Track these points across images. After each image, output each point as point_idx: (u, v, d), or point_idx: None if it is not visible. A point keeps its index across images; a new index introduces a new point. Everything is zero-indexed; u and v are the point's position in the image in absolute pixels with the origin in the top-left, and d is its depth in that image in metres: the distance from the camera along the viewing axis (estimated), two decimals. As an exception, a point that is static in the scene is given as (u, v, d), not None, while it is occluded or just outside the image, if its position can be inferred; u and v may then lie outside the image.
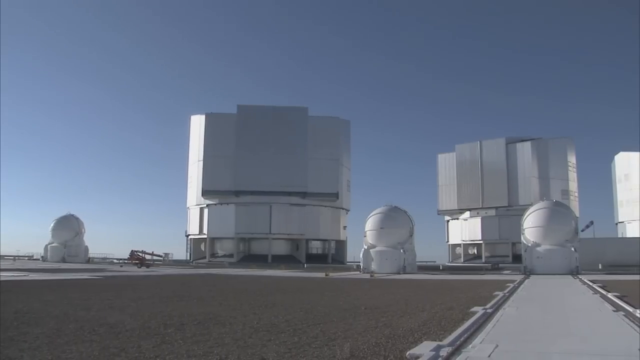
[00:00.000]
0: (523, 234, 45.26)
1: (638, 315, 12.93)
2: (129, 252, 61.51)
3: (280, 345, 9.14)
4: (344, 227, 76.06)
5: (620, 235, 74.86)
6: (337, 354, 8.40)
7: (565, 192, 67.81)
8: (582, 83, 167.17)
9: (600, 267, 47.16)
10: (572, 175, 70.88)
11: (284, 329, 11.28)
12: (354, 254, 68.22)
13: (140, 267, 54.06)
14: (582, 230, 64.06)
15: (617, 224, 79.19)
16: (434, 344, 8.73)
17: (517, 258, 56.60)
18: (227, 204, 69.87)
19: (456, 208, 72.24)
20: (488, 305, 15.29)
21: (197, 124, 74.09)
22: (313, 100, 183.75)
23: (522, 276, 37.28)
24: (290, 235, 70.08)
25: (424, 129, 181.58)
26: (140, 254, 60.61)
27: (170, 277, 36.55)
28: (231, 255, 68.76)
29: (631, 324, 11.71)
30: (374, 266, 46.80)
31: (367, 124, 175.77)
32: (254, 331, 10.83)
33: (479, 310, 13.89)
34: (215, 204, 70.85)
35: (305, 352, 8.53)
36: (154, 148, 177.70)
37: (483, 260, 67.18)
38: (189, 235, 75.55)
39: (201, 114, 74.04)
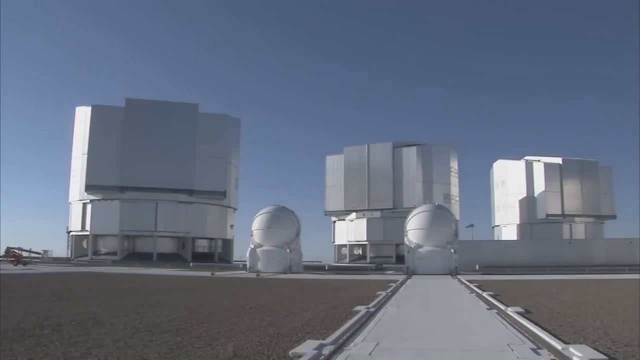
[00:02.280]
0: (406, 235, 46.56)
1: (509, 312, 13.68)
2: (5, 248, 58.47)
3: (162, 346, 8.99)
4: (231, 226, 75.54)
5: (496, 238, 78.71)
6: (220, 353, 8.35)
7: (447, 196, 70.33)
8: (466, 93, 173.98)
9: (477, 267, 49.28)
10: (454, 180, 73.71)
11: (167, 328, 11.08)
12: (241, 253, 67.90)
13: (16, 265, 51.33)
14: (467, 227, 67.04)
15: (493, 227, 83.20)
16: (316, 342, 8.85)
17: (400, 259, 58.15)
18: (112, 199, 67.63)
19: (343, 209, 73.30)
20: (371, 305, 15.63)
21: (83, 115, 70.98)
22: (207, 96, 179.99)
23: (405, 276, 38.36)
24: (177, 233, 68.80)
25: (313, 130, 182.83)
26: (16, 251, 57.58)
27: (49, 276, 34.93)
28: (115, 253, 66.57)
29: (503, 320, 12.37)
30: (260, 265, 46.75)
31: (259, 124, 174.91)
32: (136, 331, 10.58)
33: (361, 310, 14.18)
34: (99, 200, 68.41)
35: (188, 352, 8.44)
36: (37, 137, 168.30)
37: (368, 260, 68.55)
38: (71, 231, 72.38)
39: (87, 105, 71.18)
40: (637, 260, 51.27)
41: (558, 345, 8.81)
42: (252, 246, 48.57)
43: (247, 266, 48.21)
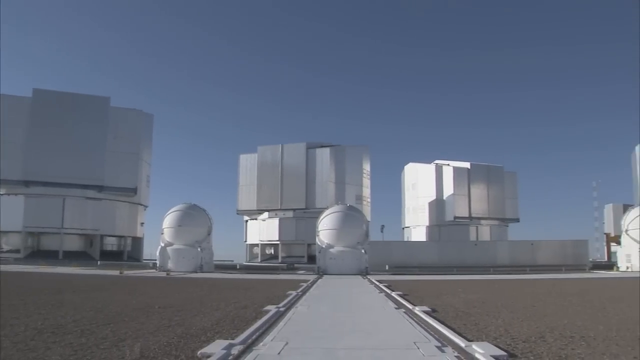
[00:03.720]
0: (318, 235, 46.84)
1: (416, 311, 14.02)
2: None
3: (66, 347, 8.71)
4: (142, 224, 73.76)
5: (406, 239, 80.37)
6: (126, 354, 8.18)
7: (359, 197, 71.16)
8: (380, 99, 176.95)
9: (387, 268, 50.14)
10: (366, 181, 74.62)
11: (71, 329, 10.74)
12: (151, 251, 66.53)
13: None
14: (381, 231, 68.11)
15: (403, 228, 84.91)
16: (225, 342, 8.81)
17: (312, 258, 58.39)
18: (16, 194, 64.66)
19: (255, 208, 72.96)
20: (281, 304, 15.66)
21: (-14, 106, 67.54)
22: (120, 90, 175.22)
23: (316, 276, 38.62)
24: (84, 230, 66.47)
25: (227, 129, 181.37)
26: None
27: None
28: (18, 251, 63.63)
29: (410, 320, 12.65)
30: (170, 264, 46.07)
31: (173, 121, 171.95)
32: (38, 333, 10.20)
33: (272, 309, 14.19)
34: (1, 195, 65.36)
35: (93, 354, 8.22)
36: None
37: (279, 260, 68.48)
38: (-29, 228, 68.82)
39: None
40: (538, 262, 53.65)
41: (462, 343, 9.12)
42: (163, 244, 47.80)
43: (157, 265, 47.39)
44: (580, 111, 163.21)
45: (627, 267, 51.65)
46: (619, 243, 56.58)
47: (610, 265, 58.31)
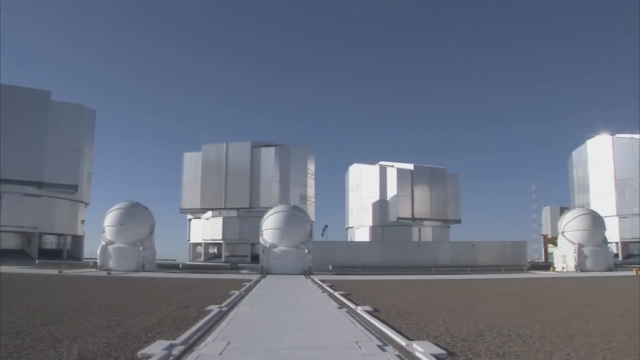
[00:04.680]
0: (262, 235, 46.69)
1: (358, 311, 14.14)
2: None
3: (0, 350, 8.48)
4: (82, 222, 72.13)
5: (349, 239, 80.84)
6: (63, 356, 8.01)
7: (303, 197, 71.21)
8: (325, 99, 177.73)
9: (330, 267, 50.32)
10: (311, 181, 74.72)
11: (6, 331, 10.45)
12: (92, 250, 64.92)
13: None
14: (322, 235, 68.32)
15: (347, 228, 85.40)
16: (166, 342, 8.73)
17: (255, 258, 58.20)
18: (-52, 191, 62.56)
19: (199, 207, 72.23)
20: (224, 304, 15.58)
21: None
22: (62, 85, 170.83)
23: (259, 275, 38.52)
24: (22, 228, 64.51)
25: (172, 126, 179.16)
26: None
27: None
28: (-47, 250, 61.61)
29: (352, 319, 12.75)
30: (111, 263, 45.30)
31: (117, 117, 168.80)
32: (-30, 334, 9.91)
33: (214, 309, 14.12)
34: None
35: (29, 356, 8.02)
36: None
37: (223, 259, 67.96)
38: None
39: None
40: (478, 262, 54.73)
41: (402, 342, 9.25)
42: (104, 243, 46.92)
43: (98, 264, 46.41)
44: (522, 114, 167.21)
45: (563, 268, 53.21)
46: (555, 244, 58.21)
47: (547, 265, 59.95)
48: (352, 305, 15.94)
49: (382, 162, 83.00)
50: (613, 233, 64.06)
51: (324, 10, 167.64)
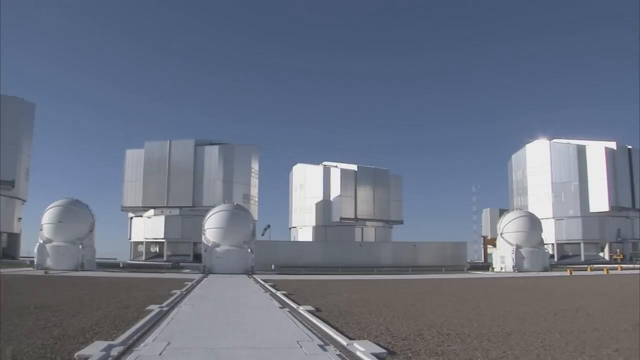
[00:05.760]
0: (204, 234, 46.32)
1: (300, 311, 14.17)
2: None
3: None
4: (19, 219, 70.11)
5: (292, 239, 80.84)
6: (-3, 358, 7.80)
7: (247, 196, 70.89)
8: (269, 99, 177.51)
9: (273, 267, 50.30)
10: (254, 180, 74.45)
11: None
12: (29, 248, 63.26)
13: None
14: (262, 235, 68.13)
15: (290, 228, 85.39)
16: (105, 343, 8.58)
17: (198, 257, 57.60)
18: None
19: (141, 205, 71.16)
20: (164, 304, 15.42)
21: None
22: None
23: (201, 275, 38.19)
24: (-46, 226, 62.54)
25: (113, 122, 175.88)
26: None
27: None
28: None
29: (294, 319, 12.78)
30: (49, 262, 44.21)
31: (57, 112, 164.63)
32: None
33: (155, 309, 13.95)
34: None
35: (-41, 357, 7.77)
36: None
37: (165, 258, 67.14)
38: None
39: None
40: (419, 262, 55.57)
41: (343, 341, 9.32)
42: (41, 241, 45.80)
43: (35, 263, 45.21)
44: (465, 117, 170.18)
45: (502, 268, 54.48)
46: (495, 245, 59.53)
47: (487, 266, 61.36)
48: (294, 305, 15.96)
49: (326, 163, 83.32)
50: (549, 235, 66.05)
51: (265, 7, 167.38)
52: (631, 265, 57.97)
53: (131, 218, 75.68)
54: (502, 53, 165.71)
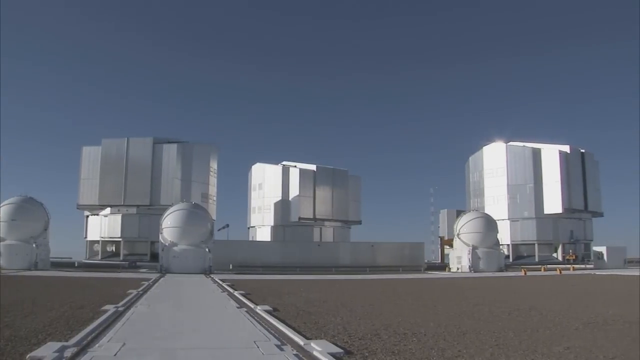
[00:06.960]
0: (161, 233, 45.92)
1: (257, 311, 14.15)
2: None
3: None
4: (-30, 218, 68.57)
5: (251, 239, 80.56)
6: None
7: (205, 196, 70.45)
8: (227, 97, 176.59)
9: (231, 267, 50.03)
10: (213, 180, 74.06)
11: None
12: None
13: None
14: (219, 230, 67.62)
15: (249, 228, 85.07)
16: (58, 344, 8.44)
17: (155, 257, 56.97)
18: None
19: (97, 203, 70.10)
20: (120, 304, 15.25)
21: None
22: None
23: (158, 274, 37.85)
24: None
25: (70, 119, 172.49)
26: None
27: None
28: None
29: (251, 319, 12.77)
30: (2, 261, 43.27)
31: (9, 109, 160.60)
32: None
33: (110, 309, 13.78)
34: None
35: None
36: None
37: (121, 257, 66.27)
38: None
39: None
40: (377, 262, 55.88)
41: (301, 341, 9.34)
42: (-7, 240, 44.79)
43: (-14, 262, 44.28)
44: (424, 118, 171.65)
45: (458, 268, 55.21)
46: (451, 246, 60.27)
47: (444, 266, 62.02)
48: (251, 305, 15.93)
49: (285, 162, 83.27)
50: (505, 235, 67.24)
51: (219, 3, 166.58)
52: (583, 266, 59.47)
53: (87, 216, 74.46)
54: (460, 57, 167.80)
